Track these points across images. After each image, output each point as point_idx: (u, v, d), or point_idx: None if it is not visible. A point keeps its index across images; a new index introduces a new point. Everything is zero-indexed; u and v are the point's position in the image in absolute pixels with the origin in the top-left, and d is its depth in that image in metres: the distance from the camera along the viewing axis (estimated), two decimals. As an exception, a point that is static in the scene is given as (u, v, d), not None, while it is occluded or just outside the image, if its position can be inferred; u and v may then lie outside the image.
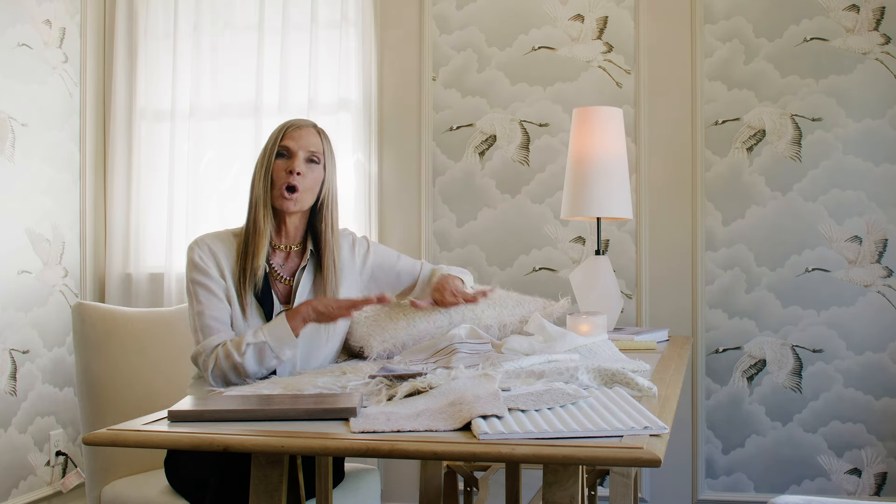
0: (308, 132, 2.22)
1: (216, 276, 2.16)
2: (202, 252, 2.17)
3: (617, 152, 2.86)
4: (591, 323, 2.31)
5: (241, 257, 2.17)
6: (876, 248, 3.22)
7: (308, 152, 2.19)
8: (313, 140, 2.21)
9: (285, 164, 2.18)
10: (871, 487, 3.23)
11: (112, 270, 3.67)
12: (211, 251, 2.18)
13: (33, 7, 3.45)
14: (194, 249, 2.18)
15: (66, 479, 3.51)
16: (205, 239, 2.21)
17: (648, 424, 1.37)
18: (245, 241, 2.18)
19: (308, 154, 2.19)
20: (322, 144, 2.23)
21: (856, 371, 3.23)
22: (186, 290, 2.18)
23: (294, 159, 2.17)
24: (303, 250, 2.26)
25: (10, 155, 3.34)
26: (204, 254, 2.17)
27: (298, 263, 2.25)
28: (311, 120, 2.29)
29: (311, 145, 2.20)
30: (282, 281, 2.23)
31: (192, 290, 2.16)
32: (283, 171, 2.17)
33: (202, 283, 2.15)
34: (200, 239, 2.21)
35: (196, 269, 2.16)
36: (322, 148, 2.22)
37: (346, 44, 3.52)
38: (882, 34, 3.22)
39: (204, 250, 2.18)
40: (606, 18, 3.42)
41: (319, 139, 2.23)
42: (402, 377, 1.75)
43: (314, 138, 2.22)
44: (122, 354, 2.47)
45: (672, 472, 3.32)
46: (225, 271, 2.17)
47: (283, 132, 2.21)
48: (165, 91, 3.67)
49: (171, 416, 1.52)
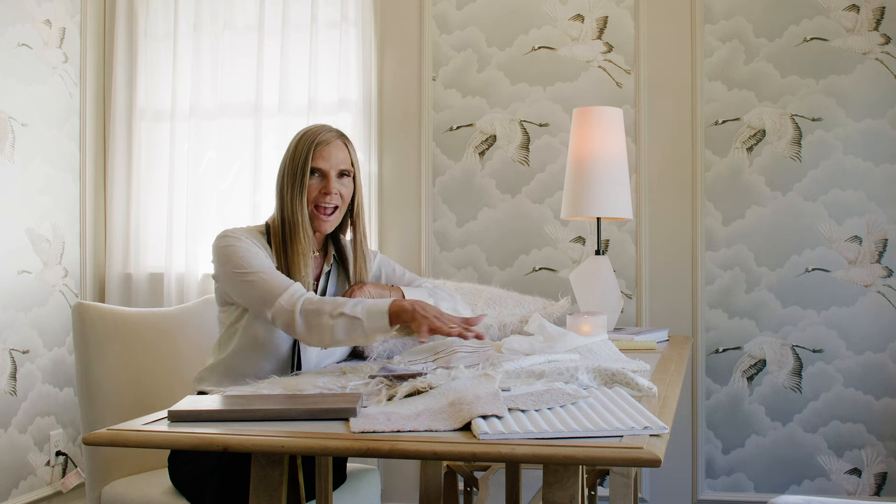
0: (337, 147, 2.17)
1: (260, 250, 2.11)
2: (238, 234, 2.13)
3: (617, 152, 2.86)
4: (591, 323, 2.31)
5: (282, 266, 2.12)
6: (876, 248, 3.22)
7: (339, 169, 2.16)
8: (342, 155, 2.17)
9: (319, 184, 2.14)
10: (871, 487, 3.23)
11: (112, 270, 3.67)
12: (246, 238, 2.13)
13: (33, 7, 3.45)
14: (228, 236, 2.13)
15: (66, 479, 3.51)
16: (235, 230, 2.16)
17: (648, 424, 1.37)
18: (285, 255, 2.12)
19: (339, 171, 2.17)
20: (350, 156, 2.20)
21: (856, 371, 3.23)
22: (226, 271, 2.09)
23: (328, 180, 2.14)
24: (324, 253, 2.26)
25: (10, 155, 3.34)
26: (241, 235, 2.13)
27: (321, 266, 2.25)
28: (335, 127, 2.23)
29: (341, 163, 2.17)
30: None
31: (237, 261, 2.07)
32: (316, 191, 2.14)
33: (250, 250, 2.09)
34: (231, 230, 2.17)
35: (238, 242, 2.10)
36: (351, 160, 2.19)
37: (346, 44, 3.53)
38: (882, 34, 3.22)
39: (237, 236, 2.12)
40: (606, 18, 3.42)
41: (347, 152, 2.19)
42: (402, 377, 1.75)
43: (343, 153, 2.18)
44: (122, 354, 2.47)
45: (672, 472, 3.32)
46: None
47: (313, 150, 2.14)
48: (165, 91, 3.67)
49: (171, 416, 1.52)
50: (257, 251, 2.11)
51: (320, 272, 2.25)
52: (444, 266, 3.50)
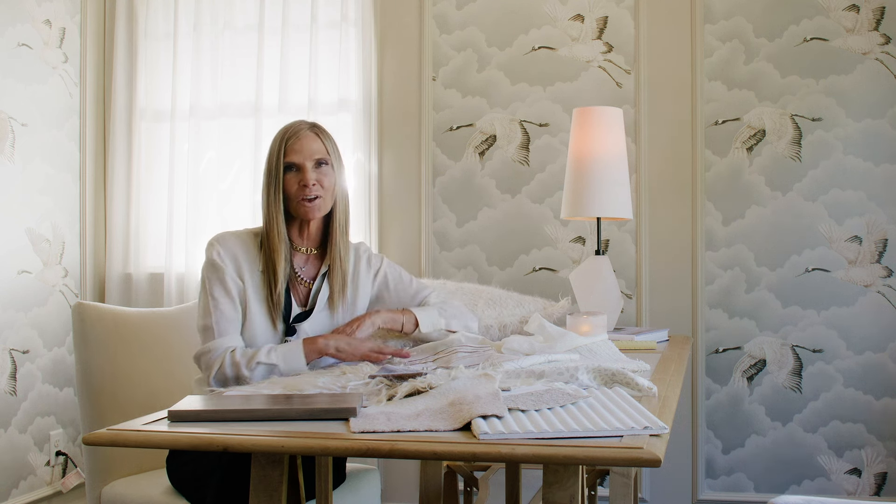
0: (308, 139, 2.18)
1: (233, 277, 2.14)
2: (222, 249, 2.15)
3: (617, 152, 2.86)
4: (591, 323, 2.31)
5: (267, 267, 2.16)
6: (876, 248, 3.22)
7: (314, 160, 2.16)
8: (315, 146, 2.17)
9: (296, 177, 2.15)
10: (871, 487, 3.23)
11: (112, 270, 3.67)
12: (230, 250, 2.16)
13: (33, 7, 3.45)
14: (214, 247, 2.16)
15: (66, 479, 3.51)
16: (225, 237, 2.19)
17: (648, 424, 1.37)
18: (265, 260, 2.17)
19: (314, 161, 2.17)
20: (325, 145, 2.19)
21: (856, 371, 3.23)
22: (201, 286, 2.17)
23: (304, 172, 2.15)
24: (323, 253, 2.25)
25: (10, 155, 3.34)
26: (224, 251, 2.15)
27: (319, 266, 2.25)
28: (308, 120, 2.25)
29: (315, 152, 2.17)
30: (302, 283, 2.23)
31: (207, 287, 2.14)
32: (295, 186, 2.15)
33: (218, 281, 2.13)
34: (221, 237, 2.19)
35: (213, 268, 2.14)
36: (325, 148, 2.19)
37: (346, 44, 3.52)
38: (882, 34, 3.22)
39: (224, 248, 2.16)
40: (606, 18, 3.42)
41: (321, 141, 2.19)
42: (402, 377, 1.75)
43: (315, 143, 2.18)
44: (122, 354, 2.47)
45: (672, 472, 3.32)
46: (243, 272, 2.15)
47: (284, 146, 2.16)
48: (165, 91, 3.67)
49: (171, 416, 1.52)
50: (226, 281, 2.13)
51: (317, 273, 2.24)
52: (444, 266, 3.50)
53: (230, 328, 2.11)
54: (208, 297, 2.13)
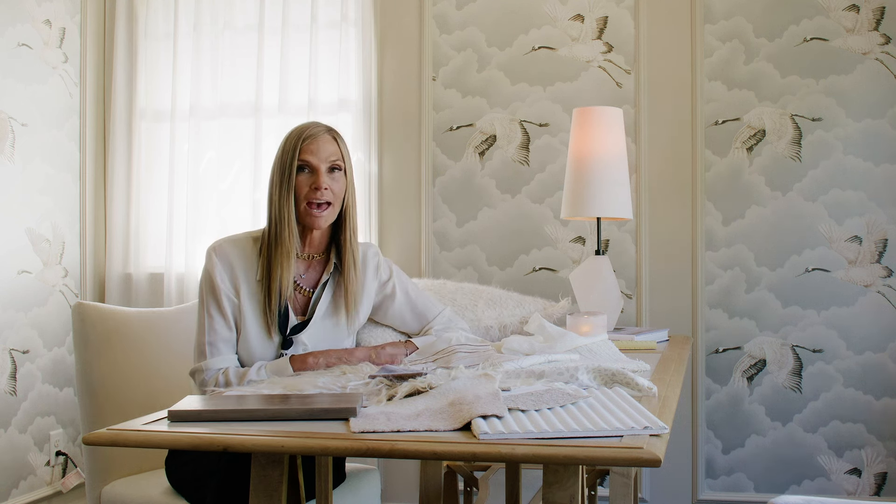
0: (325, 141, 2.12)
1: (229, 292, 2.10)
2: (219, 261, 2.11)
3: (617, 152, 2.86)
4: (591, 323, 2.31)
5: (265, 275, 2.11)
6: (876, 248, 3.22)
7: (329, 163, 2.11)
8: (332, 149, 2.12)
9: (309, 179, 2.09)
10: (871, 487, 3.23)
11: (112, 270, 3.67)
12: (227, 261, 2.12)
13: (33, 7, 3.45)
14: (212, 257, 2.12)
15: (66, 479, 3.51)
16: (222, 247, 2.13)
17: (648, 424, 1.37)
18: (268, 259, 2.11)
19: (329, 165, 2.11)
20: (340, 150, 2.14)
21: (856, 371, 3.23)
22: (199, 297, 2.14)
23: (318, 174, 2.09)
24: (325, 260, 2.20)
25: (10, 155, 3.34)
26: (221, 263, 2.11)
27: (320, 273, 2.19)
28: (323, 122, 2.19)
29: (331, 155, 2.11)
30: (301, 292, 2.18)
31: (203, 302, 2.11)
32: (306, 187, 2.09)
33: (214, 300, 2.10)
34: (218, 246, 2.14)
35: (210, 283, 2.11)
36: (341, 153, 2.14)
37: (346, 44, 3.52)
38: (882, 34, 3.22)
39: (222, 260, 2.11)
40: (606, 18, 3.42)
41: (337, 145, 2.14)
42: (402, 377, 1.75)
43: (332, 146, 2.12)
44: (122, 354, 2.47)
45: (672, 472, 3.32)
46: (239, 283, 2.11)
47: (301, 145, 2.10)
48: (165, 91, 3.67)
49: (171, 416, 1.52)
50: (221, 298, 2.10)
51: (318, 281, 2.20)
52: (444, 266, 3.50)
53: (224, 348, 2.09)
54: (204, 313, 2.11)
